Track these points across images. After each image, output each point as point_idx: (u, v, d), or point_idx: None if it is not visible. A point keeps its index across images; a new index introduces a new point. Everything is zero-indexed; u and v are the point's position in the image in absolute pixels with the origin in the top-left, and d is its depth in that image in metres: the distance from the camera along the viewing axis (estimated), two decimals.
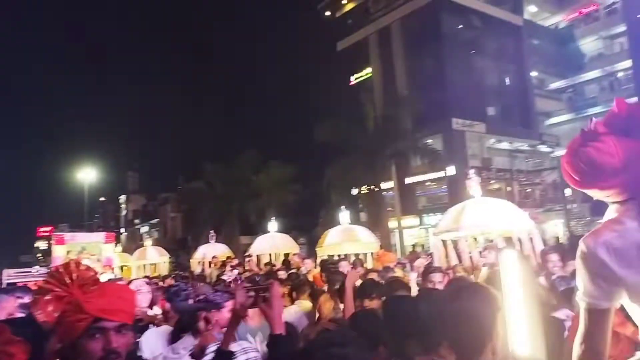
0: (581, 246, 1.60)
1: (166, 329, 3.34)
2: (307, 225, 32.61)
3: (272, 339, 2.07)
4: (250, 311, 2.80)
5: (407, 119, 22.77)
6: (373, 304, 3.50)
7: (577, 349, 1.65)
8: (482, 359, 1.60)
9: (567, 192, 27.97)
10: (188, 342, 2.79)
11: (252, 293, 2.25)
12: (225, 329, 2.51)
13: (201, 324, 2.84)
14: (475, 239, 7.97)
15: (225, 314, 3.21)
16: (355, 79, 35.54)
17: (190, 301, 3.83)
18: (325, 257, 10.68)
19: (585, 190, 1.69)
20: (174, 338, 2.99)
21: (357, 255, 10.30)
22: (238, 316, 2.30)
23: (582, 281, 1.62)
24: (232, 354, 2.18)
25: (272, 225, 15.14)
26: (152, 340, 3.16)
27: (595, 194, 1.67)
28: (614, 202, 1.63)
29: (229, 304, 3.26)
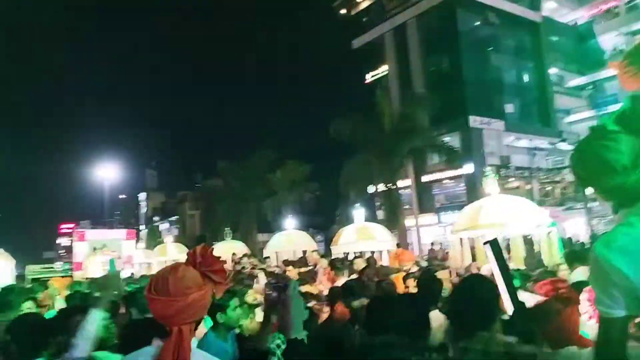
0: (593, 254, 1.55)
1: None
2: (323, 223, 32.71)
3: (289, 344, 1.85)
4: None
5: (423, 116, 22.64)
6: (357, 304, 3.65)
7: (595, 356, 1.65)
8: (496, 327, 2.10)
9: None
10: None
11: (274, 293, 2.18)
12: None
13: None
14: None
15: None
16: (372, 77, 35.43)
17: None
18: (341, 255, 10.73)
19: (592, 189, 1.66)
20: None
21: (372, 252, 10.32)
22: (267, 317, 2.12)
23: (595, 289, 1.58)
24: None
25: (289, 222, 15.23)
26: None
27: (601, 194, 1.64)
28: (621, 205, 1.58)
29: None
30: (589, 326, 2.51)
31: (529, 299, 3.40)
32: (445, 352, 2.11)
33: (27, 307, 4.19)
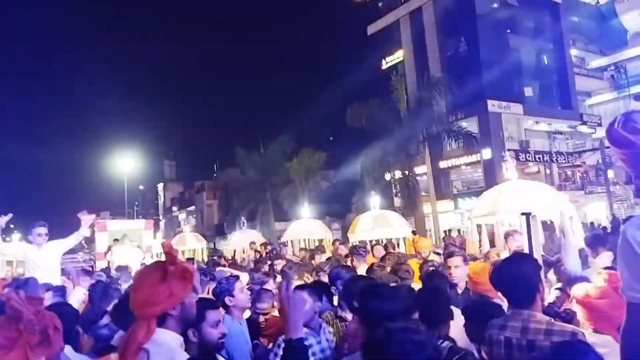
0: (624, 236, 1.53)
1: None
2: (340, 211, 32.71)
3: (286, 344, 1.84)
4: None
5: (440, 101, 22.39)
6: None
7: (621, 341, 1.61)
8: (536, 306, 2.23)
9: (610, 174, 27.01)
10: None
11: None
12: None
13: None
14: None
15: (238, 296, 3.53)
16: (387, 63, 35.07)
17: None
18: (357, 243, 10.71)
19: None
20: None
21: (389, 239, 10.28)
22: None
23: (622, 273, 1.56)
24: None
25: (306, 211, 15.23)
26: None
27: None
28: None
29: (237, 286, 3.58)
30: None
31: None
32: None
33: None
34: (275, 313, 3.89)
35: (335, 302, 3.74)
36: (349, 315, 3.29)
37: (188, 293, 1.92)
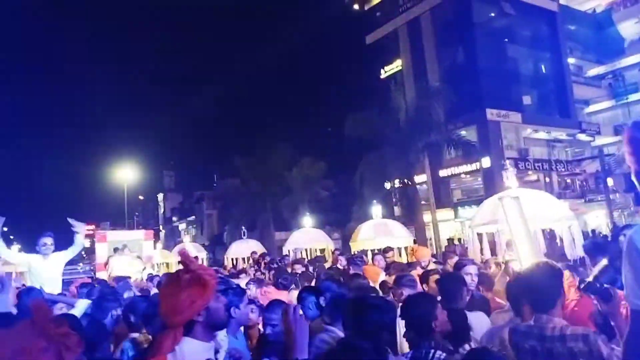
0: (627, 242, 1.54)
1: None
2: (340, 221, 32.67)
3: None
4: None
5: (439, 110, 22.43)
6: None
7: (623, 347, 1.61)
8: (555, 311, 2.33)
9: (610, 182, 27.05)
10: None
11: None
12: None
13: None
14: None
15: (242, 310, 3.35)
16: (385, 72, 35.25)
17: None
18: (358, 252, 10.71)
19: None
20: None
21: (390, 248, 10.29)
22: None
23: (625, 279, 1.56)
24: None
25: (307, 220, 15.24)
26: None
27: None
28: None
29: (244, 299, 3.41)
30: None
31: None
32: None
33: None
34: None
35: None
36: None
37: (209, 298, 1.94)
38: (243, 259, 13.57)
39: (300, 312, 2.04)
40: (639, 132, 1.63)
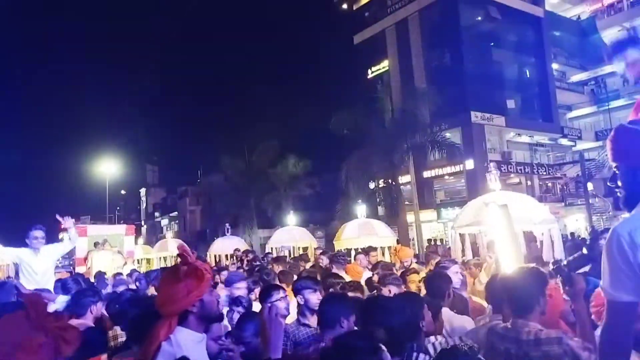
0: (608, 235, 1.59)
1: None
2: (324, 219, 32.70)
3: None
4: None
5: (424, 112, 22.57)
6: None
7: (598, 340, 1.66)
8: (532, 316, 2.36)
9: (590, 186, 27.53)
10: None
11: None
12: None
13: None
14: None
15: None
16: (372, 72, 35.36)
17: None
18: (343, 251, 10.72)
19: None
20: None
21: (373, 248, 10.31)
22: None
23: (604, 271, 1.60)
24: None
25: (290, 218, 15.22)
26: None
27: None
28: None
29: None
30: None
31: None
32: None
33: None
34: None
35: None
36: (312, 321, 3.28)
37: (204, 291, 2.02)
38: (226, 255, 13.49)
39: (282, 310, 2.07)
40: (623, 140, 1.67)
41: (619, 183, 1.70)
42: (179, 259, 2.08)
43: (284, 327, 2.07)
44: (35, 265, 5.82)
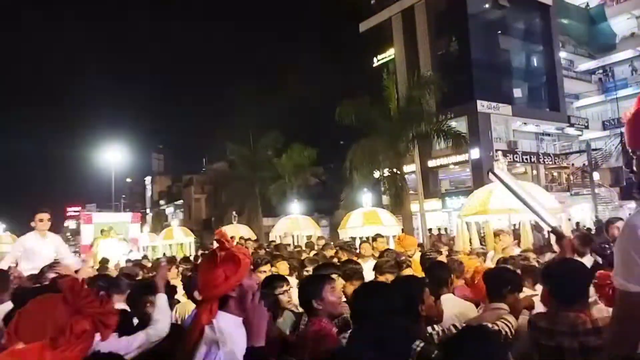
0: (623, 226, 1.58)
1: None
2: (328, 208, 32.72)
3: (251, 352, 1.91)
4: None
5: (430, 100, 22.42)
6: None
7: (609, 331, 1.65)
8: (583, 306, 2.30)
9: (595, 176, 27.38)
10: None
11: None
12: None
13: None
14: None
15: None
16: (378, 60, 35.10)
17: None
18: (347, 239, 10.74)
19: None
20: None
21: (379, 235, 10.32)
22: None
23: (617, 261, 1.59)
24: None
25: (295, 207, 15.24)
26: None
27: None
28: None
29: None
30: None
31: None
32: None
33: None
34: None
35: None
36: None
37: (243, 275, 2.06)
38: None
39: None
40: None
41: (635, 169, 1.67)
42: (216, 245, 2.12)
43: (267, 316, 2.07)
44: (40, 249, 5.79)
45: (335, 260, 6.48)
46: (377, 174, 24.66)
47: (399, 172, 22.11)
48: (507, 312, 2.89)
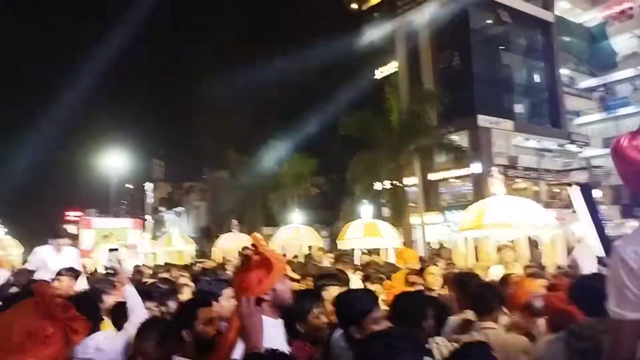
0: (615, 254, 1.56)
1: None
2: (329, 219, 32.69)
3: (251, 357, 1.87)
4: None
5: (432, 114, 22.55)
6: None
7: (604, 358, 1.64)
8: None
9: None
10: None
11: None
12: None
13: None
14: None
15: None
16: (381, 73, 35.30)
17: None
18: (348, 251, 10.76)
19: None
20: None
21: (376, 250, 10.33)
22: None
23: (609, 289, 1.58)
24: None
25: (295, 217, 15.26)
26: None
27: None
28: None
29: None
30: None
31: None
32: None
33: None
34: None
35: None
36: None
37: (274, 280, 2.12)
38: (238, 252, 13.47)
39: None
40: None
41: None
42: (251, 249, 2.21)
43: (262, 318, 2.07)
44: (53, 263, 5.86)
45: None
46: (378, 186, 24.74)
47: (400, 184, 22.18)
48: None
